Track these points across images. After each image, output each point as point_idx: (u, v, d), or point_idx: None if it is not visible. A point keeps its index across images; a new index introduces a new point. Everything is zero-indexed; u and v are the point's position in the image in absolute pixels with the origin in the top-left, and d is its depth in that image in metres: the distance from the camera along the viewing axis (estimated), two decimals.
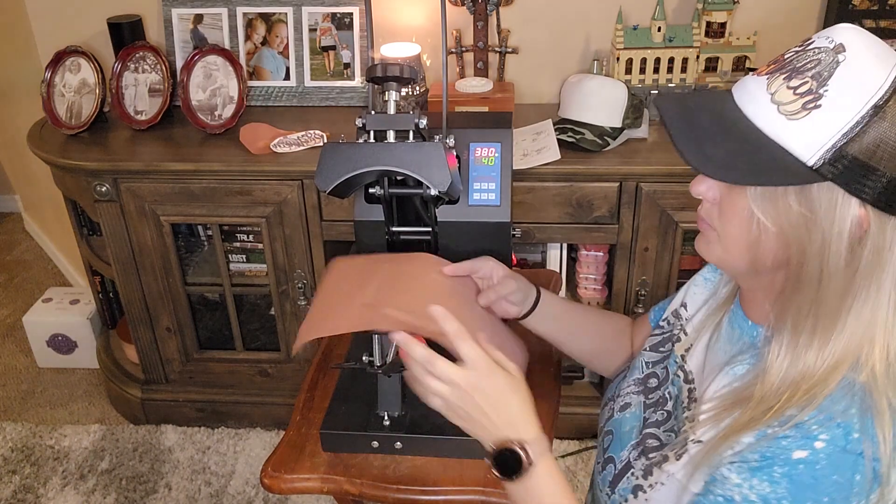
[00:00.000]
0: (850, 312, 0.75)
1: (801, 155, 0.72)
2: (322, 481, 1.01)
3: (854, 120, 0.70)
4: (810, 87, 0.71)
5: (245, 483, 2.10)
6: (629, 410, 0.98)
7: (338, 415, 1.07)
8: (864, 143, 0.70)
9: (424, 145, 0.95)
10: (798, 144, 0.72)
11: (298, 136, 1.88)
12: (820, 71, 0.71)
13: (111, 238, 1.97)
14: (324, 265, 1.96)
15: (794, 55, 0.74)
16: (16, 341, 2.70)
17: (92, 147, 1.97)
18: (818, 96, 0.71)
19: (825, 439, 0.71)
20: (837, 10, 1.94)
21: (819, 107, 0.71)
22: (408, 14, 2.06)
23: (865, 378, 0.74)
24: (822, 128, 0.71)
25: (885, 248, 0.73)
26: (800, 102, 0.72)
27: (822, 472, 0.71)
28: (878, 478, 0.71)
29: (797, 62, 0.73)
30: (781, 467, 0.72)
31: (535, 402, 1.13)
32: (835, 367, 0.75)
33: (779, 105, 0.73)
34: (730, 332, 0.90)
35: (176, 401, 2.25)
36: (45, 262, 3.17)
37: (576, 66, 2.10)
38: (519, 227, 1.84)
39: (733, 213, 0.78)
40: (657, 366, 1.00)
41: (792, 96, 0.72)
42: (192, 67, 1.99)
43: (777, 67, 0.75)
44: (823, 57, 0.72)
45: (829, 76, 0.71)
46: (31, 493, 2.10)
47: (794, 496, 0.71)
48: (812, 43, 0.74)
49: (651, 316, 1.13)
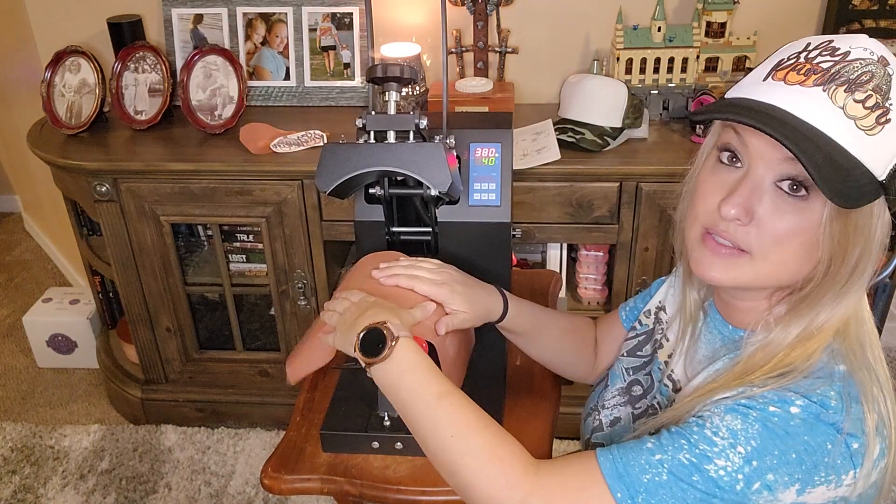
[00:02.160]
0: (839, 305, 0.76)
1: (875, 170, 0.71)
2: (322, 482, 1.01)
3: None
4: (877, 101, 0.70)
5: (245, 483, 2.10)
6: (619, 424, 0.97)
7: (338, 415, 1.07)
8: None
9: (425, 146, 0.95)
10: (874, 159, 0.71)
11: (298, 136, 1.88)
12: (879, 84, 0.70)
13: (111, 238, 1.97)
14: (324, 265, 1.96)
15: (836, 65, 0.71)
16: (16, 341, 2.70)
17: (92, 147, 1.97)
18: (886, 110, 0.70)
19: (801, 405, 0.72)
20: (837, 10, 1.94)
21: (889, 121, 0.70)
22: (408, 14, 2.06)
23: (847, 366, 0.75)
24: (893, 142, 0.71)
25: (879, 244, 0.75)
26: (872, 117, 0.70)
27: (795, 430, 0.71)
28: (852, 458, 0.71)
29: (849, 74, 0.71)
30: (757, 412, 0.72)
31: (535, 401, 1.14)
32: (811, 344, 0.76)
33: (855, 120, 0.70)
34: (710, 338, 0.90)
35: (176, 401, 2.25)
36: (45, 262, 3.17)
37: (576, 66, 2.10)
38: (519, 227, 1.84)
39: (791, 233, 0.74)
40: (639, 372, 0.99)
41: (863, 110, 0.70)
42: (192, 67, 1.99)
43: (826, 79, 0.71)
44: (874, 70, 0.71)
45: (889, 89, 0.70)
46: (31, 493, 2.10)
47: (763, 441, 0.71)
48: (849, 53, 0.72)
49: (622, 315, 1.11)
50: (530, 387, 1.16)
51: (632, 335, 1.05)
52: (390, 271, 0.96)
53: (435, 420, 0.80)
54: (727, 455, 0.71)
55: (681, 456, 0.72)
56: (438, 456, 0.81)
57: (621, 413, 0.98)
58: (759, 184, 0.74)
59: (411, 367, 0.83)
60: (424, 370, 0.83)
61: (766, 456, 0.71)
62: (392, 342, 0.83)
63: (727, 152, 0.77)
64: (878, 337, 0.81)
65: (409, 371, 0.83)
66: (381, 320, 0.84)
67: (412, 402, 0.82)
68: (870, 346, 0.78)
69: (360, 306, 0.89)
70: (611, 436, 0.97)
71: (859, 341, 0.77)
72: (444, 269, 0.98)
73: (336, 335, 0.90)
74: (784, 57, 0.75)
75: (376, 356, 0.83)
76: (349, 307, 0.91)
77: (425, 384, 0.82)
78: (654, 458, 0.73)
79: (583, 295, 2.11)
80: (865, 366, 0.76)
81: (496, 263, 1.14)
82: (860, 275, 0.75)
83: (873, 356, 0.78)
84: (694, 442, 0.73)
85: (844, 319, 0.77)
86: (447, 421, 0.80)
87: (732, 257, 0.77)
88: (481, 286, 1.00)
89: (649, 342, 1.00)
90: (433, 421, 0.80)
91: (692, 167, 0.86)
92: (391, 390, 0.84)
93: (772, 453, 0.70)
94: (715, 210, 0.76)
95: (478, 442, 0.79)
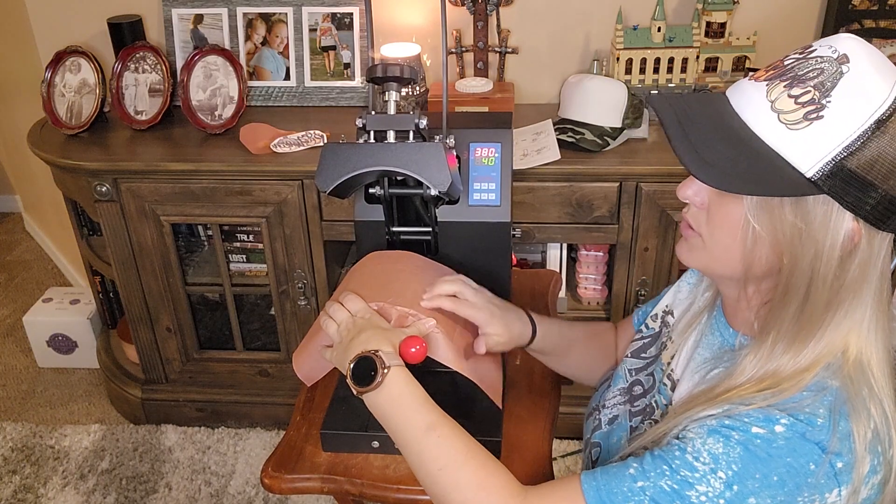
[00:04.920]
0: (831, 323, 0.75)
1: (800, 166, 0.71)
2: (322, 481, 1.01)
3: (856, 133, 0.69)
4: (813, 97, 0.70)
5: (245, 483, 2.10)
6: (617, 422, 0.97)
7: (338, 415, 1.07)
8: (863, 157, 0.69)
9: (424, 145, 0.95)
10: (797, 155, 0.71)
11: (298, 136, 1.88)
12: (823, 81, 0.70)
13: (111, 238, 1.97)
14: (324, 265, 1.97)
15: (795, 62, 0.72)
16: (16, 341, 2.70)
17: (92, 147, 1.97)
18: (820, 107, 0.70)
19: (786, 424, 0.71)
20: (837, 10, 1.94)
21: (821, 118, 0.69)
22: (408, 14, 2.06)
23: (841, 382, 0.74)
24: (822, 140, 0.70)
25: (870, 262, 0.73)
26: (801, 112, 0.70)
27: (778, 452, 0.71)
28: (836, 476, 0.71)
29: (798, 70, 0.72)
30: (740, 434, 0.72)
31: (535, 401, 1.14)
32: (806, 369, 0.75)
33: (779, 113, 0.71)
34: (711, 340, 0.90)
35: (176, 401, 2.25)
36: (45, 262, 3.17)
37: (576, 66, 2.11)
38: (519, 227, 1.84)
39: (725, 219, 0.77)
40: (641, 373, 0.99)
41: (793, 105, 0.70)
42: (193, 67, 1.99)
43: (777, 74, 0.73)
44: (826, 66, 0.70)
45: (833, 87, 0.70)
46: (31, 493, 2.10)
47: (745, 465, 0.71)
48: (814, 51, 0.72)
49: (635, 319, 1.12)
50: (530, 387, 1.16)
51: (637, 337, 1.05)
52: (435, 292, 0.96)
53: (422, 453, 0.82)
54: (708, 481, 0.71)
55: (662, 482, 0.73)
56: (428, 487, 0.83)
57: (619, 411, 0.98)
58: None
59: (401, 398, 0.84)
60: (413, 401, 0.84)
61: (747, 480, 0.70)
62: (384, 370, 0.84)
63: None
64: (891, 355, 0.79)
65: (398, 401, 0.84)
66: (374, 348, 0.86)
67: (402, 433, 0.84)
68: (874, 364, 0.76)
69: (357, 325, 0.91)
70: (609, 434, 0.97)
71: (859, 361, 0.76)
72: (484, 292, 1.00)
73: (333, 354, 0.92)
74: None
75: (367, 385, 0.85)
76: (347, 322, 0.92)
77: (414, 415, 0.84)
78: (637, 485, 0.74)
79: (583, 295, 2.11)
80: (865, 384, 0.75)
81: (496, 263, 1.14)
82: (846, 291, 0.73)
83: (881, 372, 0.76)
84: (675, 468, 0.73)
85: (844, 341, 0.76)
86: (435, 454, 0.82)
87: (691, 238, 0.82)
88: (514, 310, 1.02)
89: (654, 345, 1.01)
90: (420, 454, 0.82)
91: None
92: (382, 418, 0.86)
93: (753, 477, 0.70)
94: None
95: (465, 475, 0.80)
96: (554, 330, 1.06)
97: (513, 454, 1.03)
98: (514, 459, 1.02)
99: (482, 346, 0.94)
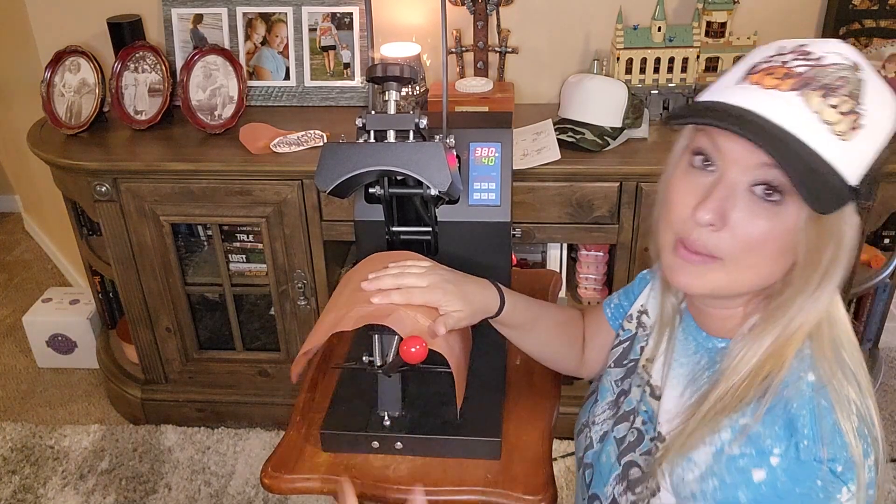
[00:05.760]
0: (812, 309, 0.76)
1: (848, 175, 0.70)
2: (322, 481, 1.01)
3: (885, 137, 0.71)
4: (851, 107, 0.69)
5: (245, 483, 2.10)
6: (606, 439, 0.95)
7: (338, 415, 1.07)
8: (881, 159, 0.71)
9: (424, 145, 0.95)
10: (848, 165, 0.70)
11: (298, 136, 1.88)
12: (852, 90, 0.70)
13: (111, 238, 1.97)
14: (324, 265, 1.96)
15: (811, 69, 0.71)
16: (16, 341, 2.70)
17: (92, 147, 1.97)
18: (858, 115, 0.69)
19: (779, 453, 0.72)
20: (837, 10, 1.93)
21: (862, 126, 0.70)
22: (408, 14, 2.06)
23: (816, 375, 0.75)
24: (865, 148, 0.70)
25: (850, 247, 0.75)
26: (847, 122, 0.69)
27: (785, 488, 0.71)
28: (840, 477, 0.71)
29: (823, 78, 0.70)
30: (746, 493, 0.72)
31: (535, 401, 1.14)
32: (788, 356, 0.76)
33: (830, 125, 0.69)
34: (685, 346, 0.88)
35: (176, 401, 2.25)
36: (44, 262, 3.17)
37: (576, 66, 2.10)
38: (519, 227, 1.84)
39: (767, 237, 0.73)
40: (625, 381, 0.98)
41: (838, 116, 0.69)
42: (192, 67, 1.99)
43: (802, 83, 0.70)
44: (848, 75, 0.70)
45: (861, 95, 0.70)
46: (30, 493, 2.10)
47: None
48: (824, 58, 0.71)
49: (608, 313, 1.09)
50: (530, 387, 1.16)
51: (617, 343, 1.03)
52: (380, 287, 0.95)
53: None
54: None
55: None
56: None
57: (609, 426, 0.96)
58: (734, 188, 0.73)
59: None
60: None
61: None
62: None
63: (700, 156, 0.76)
64: (855, 335, 0.80)
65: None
66: None
67: None
68: (845, 345, 0.77)
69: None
70: (599, 453, 0.95)
71: (832, 343, 0.76)
72: (433, 271, 0.97)
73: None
74: (758, 60, 0.74)
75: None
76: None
77: None
78: None
79: (583, 295, 2.11)
80: (840, 366, 0.75)
81: (496, 263, 1.14)
82: (831, 278, 0.74)
83: (850, 356, 0.77)
84: None
85: (817, 322, 0.76)
86: None
87: (704, 264, 0.76)
88: (474, 281, 0.99)
89: (632, 348, 0.99)
90: None
91: (664, 171, 0.84)
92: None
93: None
94: (689, 217, 0.74)
95: None
96: (522, 303, 1.03)
97: (513, 454, 1.03)
98: (514, 459, 1.02)
99: (441, 327, 0.91)
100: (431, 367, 0.95)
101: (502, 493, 0.97)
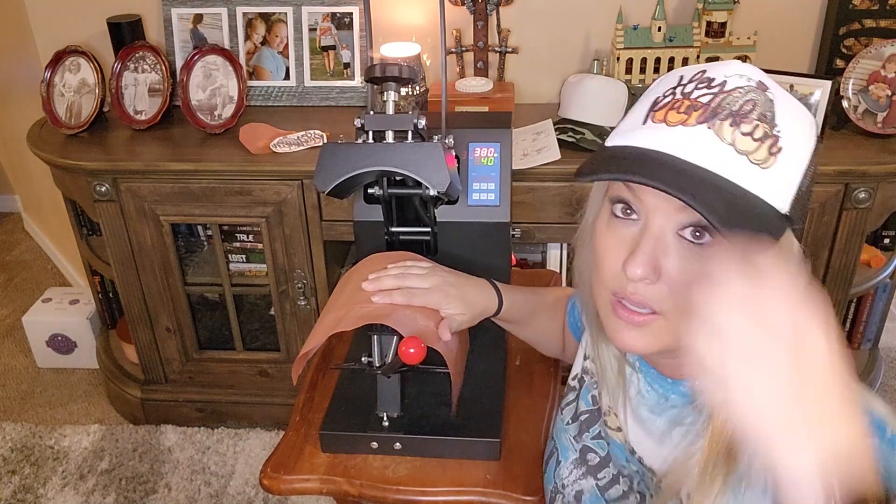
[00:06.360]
0: None
1: (777, 203, 0.66)
2: (321, 482, 1.01)
3: (809, 156, 0.68)
4: (766, 131, 0.65)
5: (245, 483, 2.10)
6: (584, 497, 0.89)
7: (337, 415, 1.06)
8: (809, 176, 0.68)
9: (423, 145, 0.95)
10: (773, 193, 0.66)
11: (298, 136, 1.87)
12: (763, 112, 0.66)
13: (111, 238, 1.97)
14: (324, 265, 1.96)
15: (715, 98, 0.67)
16: (15, 341, 2.70)
17: (91, 147, 1.97)
18: (776, 138, 0.66)
19: None
20: (837, 10, 1.93)
21: (781, 149, 0.66)
22: (408, 14, 2.06)
23: None
24: (788, 172, 0.67)
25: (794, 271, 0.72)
26: (764, 149, 0.65)
27: None
28: None
29: (731, 105, 0.66)
30: None
31: (535, 402, 1.13)
32: None
33: (747, 155, 0.65)
34: (650, 395, 0.83)
35: (176, 401, 2.24)
36: (44, 262, 3.17)
37: (576, 66, 2.10)
38: (519, 227, 1.84)
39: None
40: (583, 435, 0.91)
41: (754, 143, 0.65)
42: (192, 67, 1.99)
43: (709, 114, 0.66)
44: (755, 97, 0.66)
45: (773, 116, 0.66)
46: (30, 493, 2.10)
47: None
48: (726, 83, 0.67)
49: (570, 328, 1.06)
50: (530, 387, 1.16)
51: (565, 402, 0.98)
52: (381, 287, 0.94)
53: None
54: None
55: None
56: None
57: (583, 486, 0.90)
58: (661, 237, 0.69)
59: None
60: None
61: None
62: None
63: (621, 204, 0.72)
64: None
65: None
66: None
67: None
68: None
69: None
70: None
71: None
72: (435, 273, 0.97)
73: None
74: (660, 94, 0.70)
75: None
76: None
77: None
78: None
79: None
80: None
81: (496, 264, 1.14)
82: None
83: None
84: None
85: None
86: None
87: (647, 324, 0.71)
88: (474, 283, 0.99)
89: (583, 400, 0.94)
90: None
91: (584, 217, 0.81)
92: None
93: None
94: (620, 272, 0.70)
95: None
96: (520, 298, 1.03)
97: (513, 454, 1.03)
98: (514, 459, 1.02)
99: (446, 331, 0.89)
100: (430, 368, 0.95)
101: (502, 494, 0.97)
